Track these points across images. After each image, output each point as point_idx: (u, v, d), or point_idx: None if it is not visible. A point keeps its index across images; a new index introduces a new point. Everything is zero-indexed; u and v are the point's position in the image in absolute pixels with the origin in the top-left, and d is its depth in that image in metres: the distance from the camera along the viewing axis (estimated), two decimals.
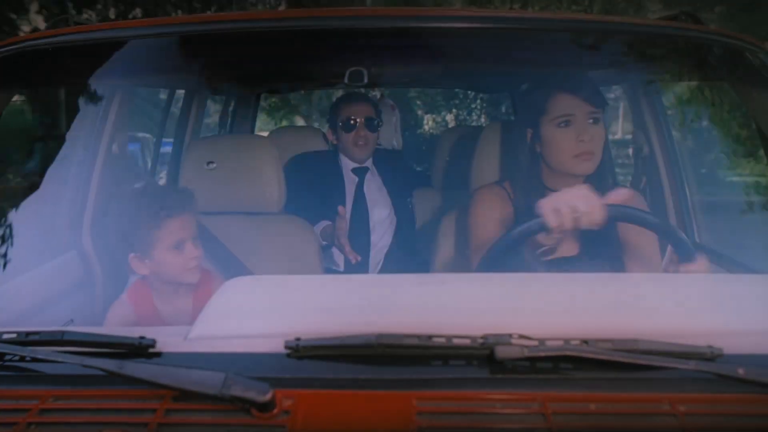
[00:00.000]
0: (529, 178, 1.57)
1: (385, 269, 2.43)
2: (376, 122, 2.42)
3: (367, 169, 2.45)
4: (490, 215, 1.58)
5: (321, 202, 2.30)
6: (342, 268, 2.34)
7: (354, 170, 2.44)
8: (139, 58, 1.51)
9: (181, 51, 1.54)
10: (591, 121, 1.46)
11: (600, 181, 1.53)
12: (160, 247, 1.47)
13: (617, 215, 1.27)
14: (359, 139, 2.38)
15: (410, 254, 2.39)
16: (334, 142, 2.46)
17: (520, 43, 1.53)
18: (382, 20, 1.36)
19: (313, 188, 2.34)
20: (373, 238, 2.43)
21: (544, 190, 1.56)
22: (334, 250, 2.33)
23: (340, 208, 2.15)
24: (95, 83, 2.08)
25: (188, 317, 1.53)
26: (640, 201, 1.65)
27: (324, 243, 2.23)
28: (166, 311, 1.57)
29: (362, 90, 2.80)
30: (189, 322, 0.94)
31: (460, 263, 1.77)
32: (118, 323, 1.55)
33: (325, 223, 2.22)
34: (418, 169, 3.06)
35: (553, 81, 1.52)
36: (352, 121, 2.37)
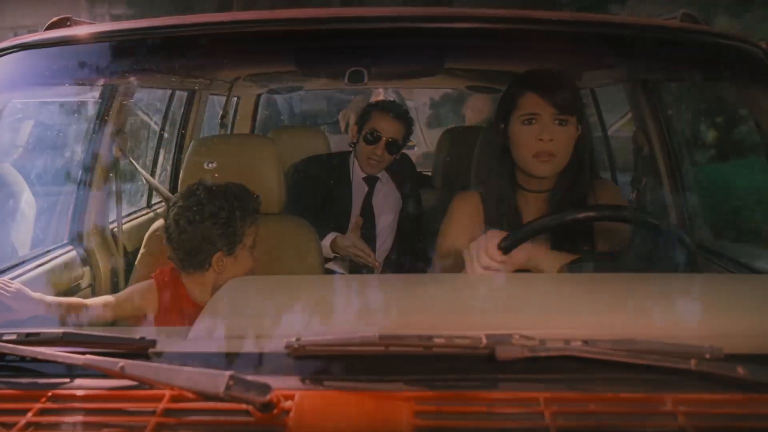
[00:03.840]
0: (501, 175, 1.57)
1: (385, 271, 2.43)
2: (399, 145, 2.34)
3: (377, 179, 2.43)
4: (456, 229, 1.59)
5: (328, 207, 2.29)
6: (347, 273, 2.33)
7: (365, 179, 2.42)
8: (139, 57, 1.50)
9: (181, 51, 1.53)
10: (557, 122, 1.46)
11: (572, 185, 1.53)
12: (244, 245, 1.58)
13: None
14: (374, 155, 2.31)
15: (412, 256, 2.39)
16: (353, 140, 2.42)
17: (520, 43, 1.53)
18: (383, 20, 1.36)
19: (321, 193, 2.33)
20: (377, 243, 2.43)
21: (516, 189, 1.56)
22: (337, 260, 2.33)
23: (358, 219, 2.19)
24: (95, 82, 2.09)
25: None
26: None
27: (333, 255, 2.21)
28: (194, 294, 1.60)
29: (402, 105, 2.75)
30: None
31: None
32: (140, 301, 1.58)
33: (333, 235, 2.20)
34: (421, 170, 3.06)
35: (526, 78, 1.53)
36: (375, 136, 2.30)
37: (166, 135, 3.09)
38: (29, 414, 0.75)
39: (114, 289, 2.14)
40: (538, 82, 1.50)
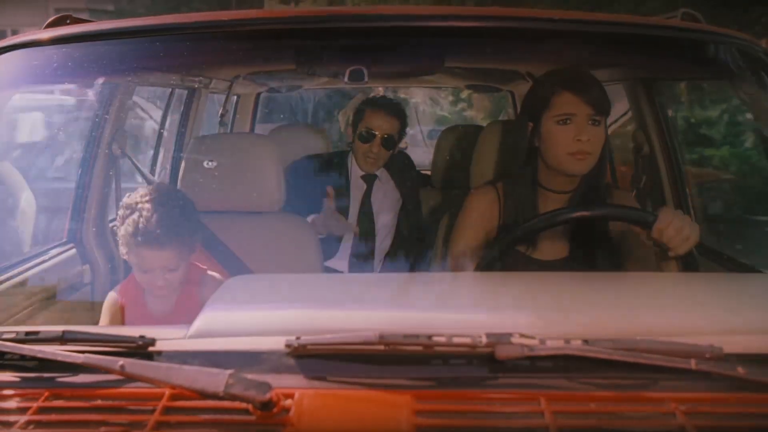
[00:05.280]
0: (524, 173, 1.57)
1: (384, 270, 2.43)
2: (395, 141, 2.34)
3: (376, 177, 2.42)
4: (474, 223, 1.59)
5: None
6: (346, 272, 2.33)
7: (363, 177, 2.41)
8: (139, 56, 1.50)
9: (181, 49, 1.53)
10: (591, 123, 1.46)
11: (594, 182, 1.53)
12: (131, 258, 1.47)
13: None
14: (371, 153, 2.31)
15: (412, 254, 2.39)
16: (350, 140, 2.43)
17: (520, 42, 1.53)
18: (382, 19, 1.36)
19: (318, 192, 2.32)
20: (377, 241, 2.42)
21: (537, 188, 1.56)
22: (336, 259, 2.33)
23: (328, 189, 2.14)
24: (95, 80, 2.08)
25: (173, 316, 1.53)
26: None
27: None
28: (155, 308, 1.57)
29: (393, 99, 2.75)
30: (174, 321, 0.94)
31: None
32: (107, 317, 1.56)
33: (312, 216, 2.20)
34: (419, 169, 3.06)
35: (561, 78, 1.52)
36: (370, 134, 2.29)
37: (165, 133, 3.09)
38: (29, 412, 0.75)
39: (114, 287, 2.14)
40: (574, 81, 1.49)
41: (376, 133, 2.29)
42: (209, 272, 1.60)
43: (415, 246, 2.39)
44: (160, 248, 1.43)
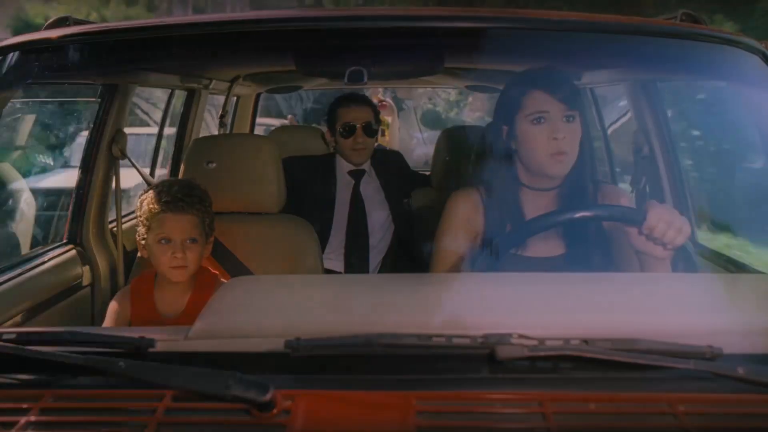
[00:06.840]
0: (504, 177, 1.54)
1: (383, 271, 2.43)
2: (374, 127, 2.41)
3: (364, 171, 2.44)
4: (456, 226, 1.56)
5: (313, 205, 2.30)
6: (342, 272, 2.34)
7: (350, 173, 2.43)
8: (139, 57, 1.50)
9: (181, 51, 1.53)
10: (565, 120, 1.44)
11: (578, 182, 1.51)
12: (151, 235, 1.55)
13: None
14: (357, 144, 2.38)
15: (409, 255, 2.39)
16: (333, 144, 2.46)
17: (520, 43, 1.52)
18: (382, 20, 1.36)
19: (306, 192, 2.34)
20: (372, 240, 2.42)
21: (520, 187, 1.54)
22: (332, 257, 2.34)
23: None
24: (95, 82, 2.08)
25: (181, 316, 1.54)
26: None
27: None
28: (162, 306, 1.59)
29: (362, 91, 2.79)
30: (181, 320, 0.94)
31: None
32: (115, 311, 1.60)
33: None
34: (418, 170, 3.06)
35: (530, 77, 1.50)
36: (350, 127, 2.37)
37: (164, 134, 3.09)
38: (30, 413, 0.75)
39: (113, 288, 2.15)
40: (544, 79, 1.47)
41: (356, 124, 2.37)
42: (222, 279, 1.62)
43: (413, 247, 2.40)
44: (184, 212, 1.54)
